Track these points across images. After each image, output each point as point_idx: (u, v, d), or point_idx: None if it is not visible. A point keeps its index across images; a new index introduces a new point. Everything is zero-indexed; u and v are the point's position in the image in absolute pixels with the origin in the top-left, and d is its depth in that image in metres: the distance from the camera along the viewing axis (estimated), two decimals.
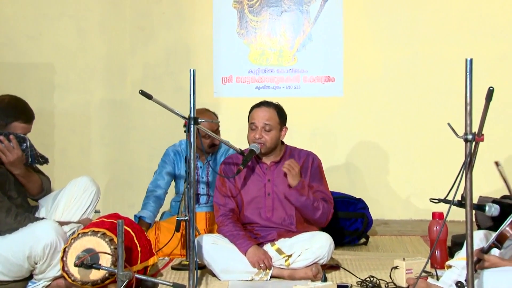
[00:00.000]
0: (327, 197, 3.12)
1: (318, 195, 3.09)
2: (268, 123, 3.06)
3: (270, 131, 3.07)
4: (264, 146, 3.08)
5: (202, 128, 2.91)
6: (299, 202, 3.00)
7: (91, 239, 2.73)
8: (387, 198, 4.68)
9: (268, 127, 3.06)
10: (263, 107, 3.10)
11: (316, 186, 3.11)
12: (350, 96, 4.71)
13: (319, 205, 3.03)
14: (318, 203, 3.03)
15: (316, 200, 3.02)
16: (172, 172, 3.69)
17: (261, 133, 3.06)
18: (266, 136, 3.07)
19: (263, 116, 3.07)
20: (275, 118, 3.09)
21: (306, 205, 3.00)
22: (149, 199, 3.63)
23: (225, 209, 3.12)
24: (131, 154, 4.86)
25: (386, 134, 4.71)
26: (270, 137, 3.08)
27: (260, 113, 3.08)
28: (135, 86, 4.80)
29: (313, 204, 3.01)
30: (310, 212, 3.03)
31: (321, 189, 3.12)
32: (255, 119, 3.08)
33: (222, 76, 4.77)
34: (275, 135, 3.09)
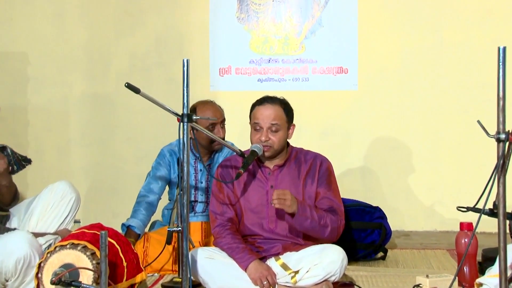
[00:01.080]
0: (336, 205, 3.10)
1: (324, 203, 3.08)
2: (275, 123, 3.05)
3: (278, 131, 3.06)
4: (271, 149, 3.06)
5: (197, 126, 2.90)
6: (304, 227, 3.01)
7: (70, 252, 2.73)
8: (408, 206, 4.67)
9: (275, 127, 3.05)
10: (267, 105, 3.08)
11: (323, 192, 3.10)
12: (365, 89, 4.71)
13: (327, 221, 3.01)
14: (325, 220, 3.01)
15: (322, 217, 3.01)
16: (167, 176, 3.68)
17: (267, 135, 3.05)
18: (273, 137, 3.06)
19: (269, 115, 3.05)
20: (282, 116, 3.08)
21: (312, 227, 3.01)
22: (140, 205, 3.61)
23: (222, 218, 3.11)
24: (116, 156, 4.86)
25: (407, 133, 4.71)
26: (277, 139, 3.06)
27: (265, 111, 3.06)
28: (121, 78, 4.80)
29: (320, 223, 3.00)
30: (317, 233, 3.04)
31: (329, 195, 3.10)
32: (259, 119, 3.06)
33: (220, 67, 4.77)
34: (282, 135, 3.08)
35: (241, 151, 3.13)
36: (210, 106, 3.61)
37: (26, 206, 3.26)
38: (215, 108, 3.62)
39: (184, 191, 2.74)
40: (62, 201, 3.25)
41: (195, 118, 2.74)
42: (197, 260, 3.02)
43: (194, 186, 3.63)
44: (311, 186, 3.11)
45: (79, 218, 3.40)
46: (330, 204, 3.09)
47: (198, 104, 3.61)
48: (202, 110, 3.55)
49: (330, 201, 3.10)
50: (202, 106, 3.59)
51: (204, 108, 3.55)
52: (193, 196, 3.64)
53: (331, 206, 3.09)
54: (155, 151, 3.77)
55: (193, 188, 3.62)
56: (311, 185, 3.12)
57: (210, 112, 3.55)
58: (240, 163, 3.10)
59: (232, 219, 3.12)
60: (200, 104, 3.61)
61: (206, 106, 3.59)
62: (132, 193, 3.82)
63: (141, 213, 3.56)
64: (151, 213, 3.64)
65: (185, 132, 2.73)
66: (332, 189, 3.14)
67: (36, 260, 2.84)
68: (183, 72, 2.69)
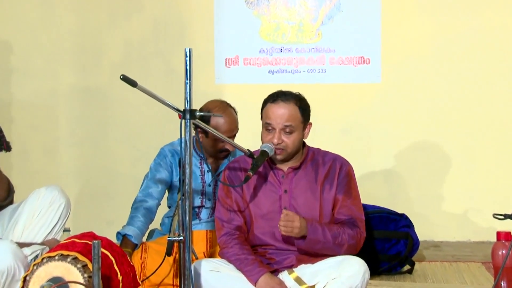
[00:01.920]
0: (356, 215, 3.10)
1: (343, 212, 3.08)
2: (289, 124, 3.04)
3: (292, 133, 3.06)
4: (284, 152, 3.07)
5: (201, 124, 2.91)
6: (315, 250, 3.04)
7: (59, 265, 2.74)
8: (438, 213, 4.67)
9: (289, 128, 3.05)
10: (281, 103, 3.07)
11: (343, 200, 3.09)
12: (390, 82, 4.71)
13: (343, 239, 3.02)
14: (341, 237, 3.02)
15: (337, 235, 3.01)
16: (167, 179, 3.68)
17: (280, 137, 3.05)
18: (286, 139, 3.06)
19: (282, 115, 3.05)
20: (297, 116, 3.07)
21: (325, 248, 3.03)
22: (137, 211, 3.61)
23: (229, 226, 3.12)
24: (110, 156, 4.88)
25: (437, 132, 4.70)
26: (291, 141, 3.06)
27: (278, 110, 3.06)
28: (115, 69, 4.82)
29: (334, 242, 3.01)
30: (332, 251, 3.06)
31: (349, 204, 3.10)
32: (272, 119, 3.06)
33: (226, 57, 4.78)
34: (297, 137, 3.08)
35: (250, 151, 3.13)
36: (229, 114, 3.54)
37: (10, 213, 3.27)
38: (231, 119, 3.54)
39: (186, 195, 2.75)
40: (50, 207, 3.26)
41: (199, 114, 2.75)
42: (200, 273, 3.03)
43: (200, 190, 3.63)
44: (330, 191, 3.12)
45: (69, 227, 3.41)
46: (350, 214, 3.10)
47: (211, 106, 3.55)
48: (219, 120, 3.50)
49: (349, 210, 3.10)
50: (215, 109, 3.53)
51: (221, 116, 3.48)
52: (200, 200, 3.64)
53: (351, 217, 3.09)
54: (154, 151, 3.78)
55: (199, 192, 3.63)
56: (330, 190, 3.12)
57: (226, 124, 3.51)
58: (249, 165, 3.10)
59: (240, 227, 3.13)
60: (215, 108, 3.52)
61: (225, 113, 3.52)
62: (128, 198, 3.83)
63: (139, 220, 3.56)
64: (150, 220, 3.64)
65: (187, 130, 2.73)
66: (353, 197, 3.14)
67: (21, 273, 2.86)
68: (185, 62, 2.70)
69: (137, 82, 2.64)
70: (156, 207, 3.65)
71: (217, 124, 3.48)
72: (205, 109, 3.52)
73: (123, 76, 2.61)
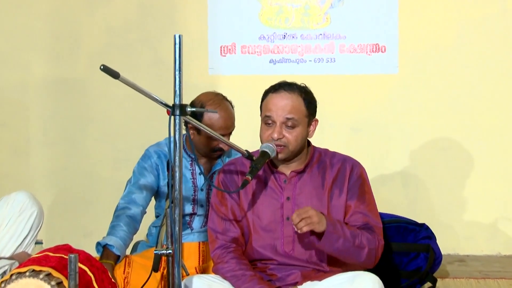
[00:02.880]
0: (372, 221, 3.10)
1: (357, 219, 3.08)
2: (291, 117, 3.04)
3: (294, 127, 3.05)
4: (285, 150, 3.06)
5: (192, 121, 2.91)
6: (335, 249, 3.00)
7: (30, 282, 2.74)
8: (463, 224, 4.67)
9: (291, 122, 3.04)
10: (283, 93, 3.08)
11: (355, 206, 3.09)
12: (408, 73, 4.71)
13: (362, 241, 3.01)
14: (361, 239, 3.01)
15: (356, 235, 3.00)
16: (153, 184, 3.69)
17: (281, 131, 3.05)
18: (288, 135, 3.05)
19: (284, 106, 3.05)
20: (300, 109, 3.07)
21: (346, 248, 3.00)
22: (119, 219, 3.61)
23: (225, 238, 3.11)
24: (88, 158, 4.89)
25: (462, 130, 4.70)
26: (294, 137, 3.06)
27: (279, 101, 3.06)
28: (94, 59, 4.82)
29: (354, 243, 3.00)
30: (352, 256, 3.03)
31: (363, 210, 3.09)
32: (272, 111, 3.06)
33: (221, 44, 4.79)
34: (301, 133, 3.07)
35: (248, 152, 3.13)
36: (224, 109, 3.55)
37: None
38: (227, 114, 3.54)
39: (176, 202, 2.75)
40: (20, 216, 3.27)
41: (190, 110, 2.75)
42: None
43: (192, 195, 3.64)
44: (339, 197, 3.11)
45: (42, 239, 3.42)
46: (365, 220, 3.09)
47: (205, 99, 3.55)
48: (212, 115, 3.49)
49: (364, 216, 3.10)
50: (207, 102, 3.53)
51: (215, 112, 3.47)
52: (191, 207, 3.65)
53: (366, 223, 3.09)
54: (139, 152, 3.79)
55: (190, 198, 3.63)
56: (339, 196, 3.11)
57: (221, 120, 3.51)
58: (247, 168, 3.10)
59: (237, 239, 3.13)
60: (208, 102, 3.53)
61: (220, 108, 3.51)
62: (109, 206, 3.84)
63: (121, 229, 3.56)
64: (134, 229, 3.64)
65: (177, 128, 2.74)
66: (367, 202, 3.14)
67: None
68: (174, 51, 2.70)
69: (120, 73, 2.65)
70: (140, 215, 3.65)
71: (211, 120, 3.48)
72: (197, 103, 3.51)
73: (104, 67, 2.61)
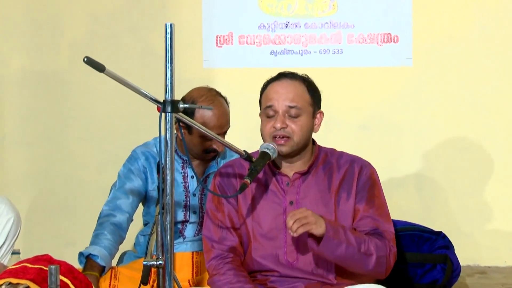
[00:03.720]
0: (382, 227, 3.09)
1: (367, 224, 3.08)
2: (295, 105, 3.04)
3: (298, 116, 3.06)
4: (289, 142, 3.05)
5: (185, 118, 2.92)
6: (337, 255, 2.99)
7: None
8: (484, 232, 4.67)
9: (294, 111, 3.04)
10: (284, 80, 3.07)
11: (364, 210, 3.09)
12: (423, 66, 4.71)
13: (370, 248, 3.00)
14: (368, 245, 3.00)
15: (362, 241, 2.99)
16: (140, 189, 3.68)
17: (284, 120, 3.04)
18: (292, 124, 3.05)
19: (286, 93, 3.05)
20: (304, 96, 3.07)
21: (349, 255, 2.99)
22: (103, 227, 3.61)
23: (221, 248, 3.11)
24: (71, 160, 4.88)
25: (482, 129, 4.71)
26: (299, 126, 3.05)
27: (281, 89, 3.06)
28: (77, 50, 4.82)
29: (360, 249, 2.99)
30: (357, 264, 3.02)
31: (372, 214, 3.09)
32: (273, 99, 3.06)
33: (217, 34, 4.79)
34: (306, 123, 3.07)
35: (247, 152, 3.14)
36: (218, 106, 3.55)
37: None
38: (221, 111, 3.54)
39: (167, 208, 2.76)
40: None
41: (182, 107, 2.76)
42: None
43: (183, 200, 3.64)
44: (347, 201, 3.11)
45: (19, 248, 3.42)
46: (375, 225, 3.09)
47: (196, 95, 3.56)
48: (205, 113, 3.50)
49: (374, 221, 3.10)
50: (199, 98, 3.53)
51: (211, 108, 3.47)
52: (183, 214, 3.65)
53: (376, 228, 3.09)
54: (126, 153, 3.80)
55: (182, 204, 3.64)
56: (347, 200, 3.12)
57: (215, 118, 3.51)
58: (246, 170, 3.11)
59: (234, 248, 3.13)
60: (200, 98, 3.54)
61: (213, 104, 3.51)
62: (93, 212, 3.84)
63: (106, 238, 3.56)
64: (119, 238, 3.64)
65: (169, 126, 2.74)
66: (377, 205, 3.13)
67: None
68: (165, 41, 2.71)
69: (105, 66, 2.65)
70: (126, 222, 3.65)
71: (203, 118, 3.48)
72: (188, 99, 3.51)
73: (87, 59, 2.62)
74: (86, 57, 2.61)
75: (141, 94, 2.78)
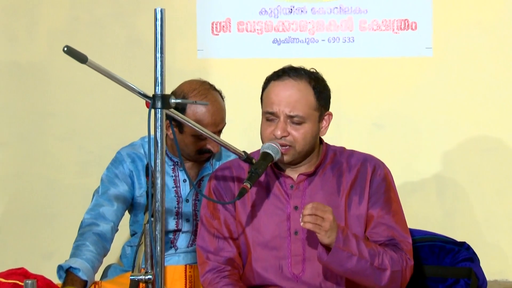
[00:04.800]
0: (399, 236, 3.10)
1: (381, 232, 3.08)
2: (296, 114, 3.05)
3: (302, 124, 3.06)
4: (290, 151, 3.06)
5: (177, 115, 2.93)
6: (346, 269, 2.98)
7: None
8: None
9: (298, 118, 3.06)
10: (288, 80, 3.07)
11: (379, 215, 3.09)
12: (445, 56, 4.71)
13: (384, 262, 3.00)
14: (382, 259, 3.00)
15: (376, 254, 2.99)
16: (126, 194, 3.69)
17: (285, 127, 3.04)
18: (295, 132, 3.05)
19: (288, 97, 3.04)
20: (309, 101, 3.06)
21: (361, 270, 2.99)
22: (85, 238, 3.61)
23: (217, 259, 3.11)
24: (49, 161, 4.89)
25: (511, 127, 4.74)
26: (301, 134, 3.05)
27: (283, 91, 3.05)
28: (56, 39, 4.84)
29: (373, 263, 2.99)
30: (370, 278, 3.02)
31: (388, 221, 3.09)
32: (274, 103, 3.06)
33: (213, 20, 4.80)
34: (310, 130, 3.07)
35: (247, 153, 3.14)
36: (212, 101, 3.55)
37: None
38: (216, 107, 3.55)
39: (157, 216, 2.77)
40: None
41: (174, 102, 2.77)
42: None
43: (175, 207, 3.65)
44: (359, 206, 3.13)
45: None
46: (390, 234, 3.10)
47: (187, 89, 3.57)
48: (197, 109, 3.50)
49: (389, 229, 3.10)
50: (191, 92, 3.54)
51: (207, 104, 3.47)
52: (174, 222, 3.66)
53: (392, 238, 3.10)
54: (112, 154, 3.81)
55: (173, 211, 3.65)
56: (359, 204, 3.13)
57: (208, 115, 3.51)
58: (245, 173, 3.11)
59: (232, 260, 3.14)
60: (192, 92, 3.53)
61: (207, 99, 3.51)
62: (75, 220, 3.84)
63: (88, 249, 3.57)
64: (103, 250, 3.65)
65: (159, 124, 2.75)
66: (393, 211, 3.14)
67: None
68: (155, 29, 2.73)
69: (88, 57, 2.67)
70: (111, 232, 3.65)
71: (196, 115, 3.48)
72: (178, 93, 3.51)
73: (68, 48, 2.64)
74: (66, 46, 2.62)
75: (128, 88, 2.79)
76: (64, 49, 2.61)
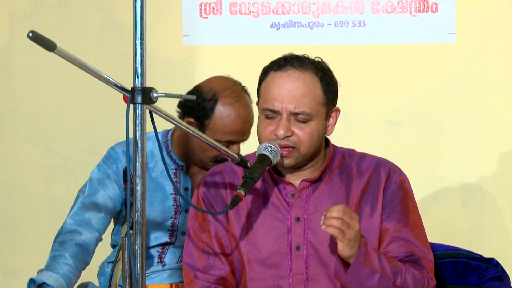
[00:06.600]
0: (419, 251, 3.11)
1: (399, 248, 3.09)
2: (303, 110, 3.05)
3: (307, 122, 3.06)
4: (294, 153, 3.05)
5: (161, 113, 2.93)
6: (366, 287, 3.01)
7: None
8: None
9: (303, 115, 3.05)
10: (291, 71, 3.06)
11: (396, 229, 3.10)
12: (470, 42, 4.74)
13: (407, 280, 3.00)
14: (404, 277, 3.01)
15: (398, 271, 3.01)
16: (117, 199, 3.67)
17: (288, 126, 3.03)
18: (299, 131, 3.04)
19: (292, 91, 3.03)
20: (316, 95, 3.06)
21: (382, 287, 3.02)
22: (64, 248, 3.57)
23: (207, 278, 3.11)
24: (11, 166, 4.91)
25: None
26: (307, 134, 3.04)
27: (286, 84, 3.04)
28: (19, 23, 4.85)
29: (395, 282, 3.00)
30: None
31: (406, 235, 3.10)
32: (275, 100, 3.05)
33: (202, 1, 4.81)
34: (317, 129, 3.07)
35: (241, 156, 3.16)
36: (245, 105, 3.53)
37: None
38: (247, 114, 3.54)
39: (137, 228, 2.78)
40: None
41: (156, 96, 2.77)
42: None
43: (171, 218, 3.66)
44: (371, 217, 3.15)
45: None
46: (409, 250, 3.12)
47: (219, 88, 3.54)
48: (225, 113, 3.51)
49: (408, 244, 3.12)
50: (228, 96, 3.53)
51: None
52: (168, 234, 3.66)
53: (412, 254, 3.12)
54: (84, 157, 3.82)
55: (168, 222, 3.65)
56: (371, 215, 3.14)
57: (239, 122, 3.52)
58: (239, 178, 3.13)
59: (224, 279, 3.15)
60: (224, 92, 3.52)
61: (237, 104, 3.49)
62: (41, 233, 3.87)
63: (65, 263, 3.55)
64: (83, 264, 3.63)
65: (139, 121, 2.76)
66: (412, 224, 3.15)
67: None
68: (134, 12, 2.74)
69: (56, 43, 2.69)
70: (94, 244, 3.64)
71: (224, 120, 3.47)
72: (206, 90, 3.50)
73: (33, 34, 2.65)
74: (32, 31, 2.64)
75: (102, 79, 2.80)
76: (29, 34, 2.62)
